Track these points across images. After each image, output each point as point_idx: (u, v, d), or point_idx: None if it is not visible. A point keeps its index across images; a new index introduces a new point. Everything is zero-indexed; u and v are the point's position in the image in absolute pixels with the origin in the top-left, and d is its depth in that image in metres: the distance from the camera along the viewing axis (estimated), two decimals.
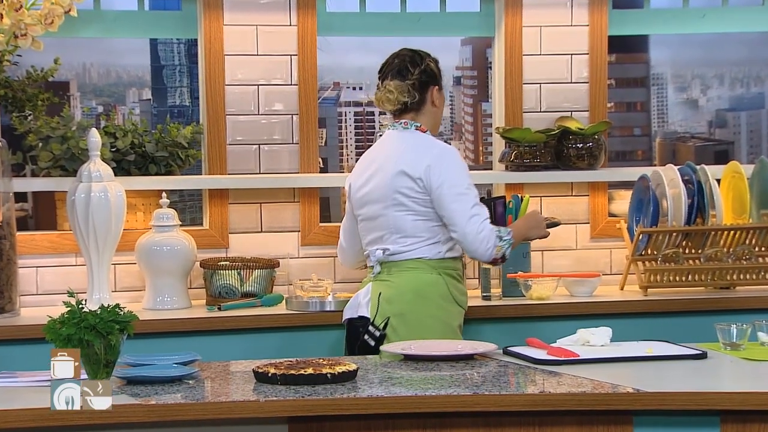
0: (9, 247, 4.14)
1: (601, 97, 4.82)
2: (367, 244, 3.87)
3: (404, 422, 2.84)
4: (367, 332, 3.71)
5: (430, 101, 3.86)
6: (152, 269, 4.26)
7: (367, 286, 3.83)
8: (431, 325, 3.71)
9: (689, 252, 4.53)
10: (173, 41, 5.98)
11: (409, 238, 3.76)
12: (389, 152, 3.81)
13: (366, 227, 3.87)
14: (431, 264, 3.76)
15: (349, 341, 3.84)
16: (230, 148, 4.57)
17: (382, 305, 3.73)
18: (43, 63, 4.37)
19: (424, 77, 3.84)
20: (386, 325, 3.70)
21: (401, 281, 3.76)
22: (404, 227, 3.76)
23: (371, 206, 3.82)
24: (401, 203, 3.75)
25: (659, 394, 2.85)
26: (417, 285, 3.74)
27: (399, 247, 3.77)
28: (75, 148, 4.32)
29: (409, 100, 3.83)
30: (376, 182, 3.81)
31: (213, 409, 2.77)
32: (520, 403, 2.84)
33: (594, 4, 4.77)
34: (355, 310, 3.82)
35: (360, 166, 3.93)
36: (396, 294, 3.74)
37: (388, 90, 3.83)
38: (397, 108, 3.85)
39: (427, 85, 3.85)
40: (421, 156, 3.73)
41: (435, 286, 3.75)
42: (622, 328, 3.65)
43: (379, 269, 3.80)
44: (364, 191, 3.85)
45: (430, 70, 3.86)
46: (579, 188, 4.81)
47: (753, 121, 7.07)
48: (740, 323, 3.37)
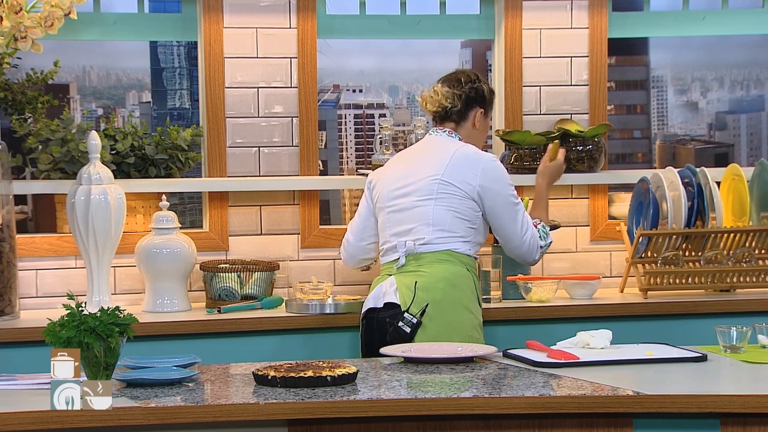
0: (9, 249, 4.14)
1: (601, 100, 4.82)
2: (394, 236, 3.84)
3: (404, 425, 2.84)
4: (402, 319, 3.69)
5: (471, 120, 3.93)
6: (152, 272, 4.26)
7: (389, 278, 3.80)
8: (463, 315, 3.74)
9: (689, 254, 4.53)
10: (173, 44, 5.98)
11: (446, 231, 3.79)
12: (439, 150, 3.86)
13: (394, 219, 3.85)
14: (461, 258, 3.79)
15: (368, 334, 3.80)
16: (230, 150, 4.58)
17: (418, 294, 3.72)
18: (42, 65, 4.37)
19: (473, 93, 3.92)
20: (423, 313, 3.69)
21: (433, 271, 3.76)
22: (444, 221, 3.79)
23: (408, 198, 3.83)
24: (446, 198, 3.79)
25: (659, 397, 2.85)
26: (449, 275, 3.76)
27: (433, 237, 3.78)
28: (75, 150, 4.32)
29: (450, 107, 3.90)
30: (421, 176, 3.83)
31: (213, 412, 2.77)
32: (520, 406, 2.84)
33: (594, 6, 4.78)
34: (380, 300, 3.78)
35: (396, 164, 3.96)
36: (431, 283, 3.74)
37: (434, 92, 3.92)
38: (437, 110, 3.92)
39: (473, 103, 3.92)
40: (475, 161, 3.81)
41: (465, 278, 3.78)
42: (622, 331, 3.65)
43: (404, 262, 3.79)
44: (403, 183, 3.86)
45: (481, 92, 3.94)
46: (579, 191, 4.81)
47: (753, 123, 7.06)
48: (740, 326, 3.37)
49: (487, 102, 3.97)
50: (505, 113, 4.76)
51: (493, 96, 4.01)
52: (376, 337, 3.73)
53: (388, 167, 3.98)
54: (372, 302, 3.81)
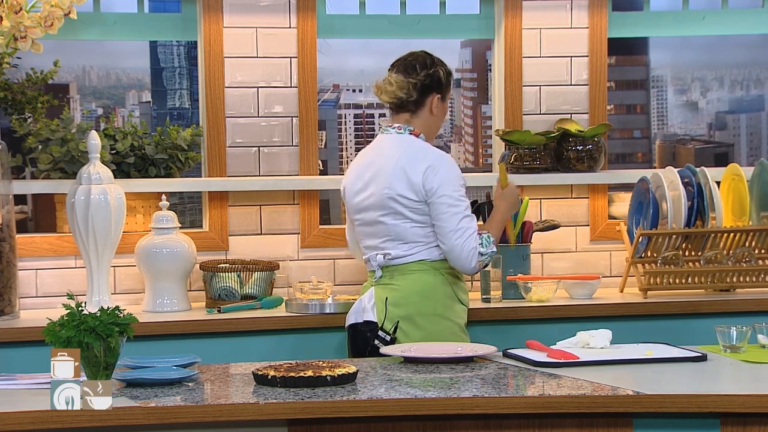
0: (8, 249, 4.14)
1: (601, 100, 4.82)
2: (366, 249, 3.85)
3: (404, 425, 2.84)
4: (377, 337, 3.70)
5: (428, 107, 3.82)
6: (152, 271, 4.26)
7: (369, 290, 3.81)
8: (439, 324, 3.72)
9: (689, 254, 4.53)
10: (173, 43, 5.98)
11: (410, 244, 3.75)
12: (385, 158, 3.77)
13: (364, 232, 3.85)
14: (433, 265, 3.76)
15: (355, 346, 3.82)
16: (230, 150, 4.58)
17: (389, 310, 3.72)
18: (42, 65, 4.37)
19: (428, 81, 3.80)
20: (396, 329, 3.69)
21: (406, 284, 3.74)
22: (403, 235, 3.75)
23: (369, 213, 3.80)
24: (399, 212, 3.73)
25: (659, 397, 2.85)
26: (421, 287, 3.73)
27: (400, 251, 3.76)
28: (75, 150, 4.32)
29: (406, 97, 3.79)
30: (373, 190, 3.77)
31: (212, 412, 2.77)
32: (520, 406, 2.84)
33: (594, 6, 4.78)
34: (360, 315, 3.80)
35: (354, 171, 3.89)
36: (402, 297, 3.73)
37: (388, 81, 3.80)
38: (392, 101, 3.81)
39: (430, 90, 3.81)
40: (419, 161, 3.71)
41: (439, 286, 3.75)
42: (622, 331, 3.65)
43: (380, 273, 3.79)
44: (361, 197, 3.82)
45: (437, 77, 3.81)
46: (579, 190, 4.81)
47: (753, 123, 7.06)
48: (740, 325, 3.37)
49: (444, 87, 3.83)
50: (505, 113, 4.76)
51: (451, 77, 3.87)
52: (361, 346, 3.78)
53: (349, 174, 3.92)
54: (353, 317, 3.84)
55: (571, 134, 4.68)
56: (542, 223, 4.62)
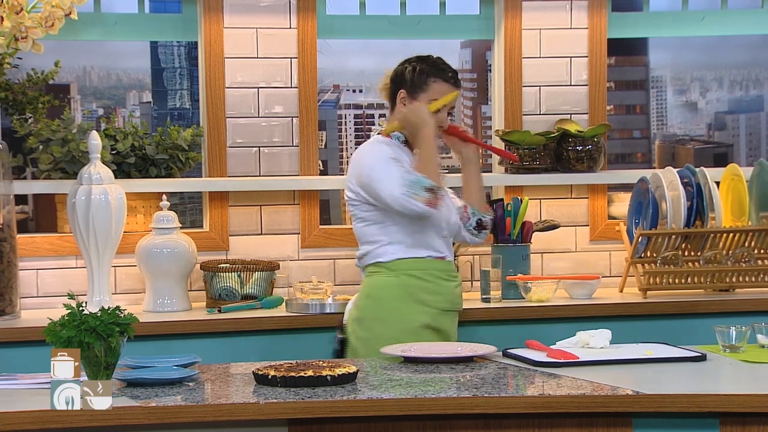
0: (9, 249, 4.15)
1: (601, 100, 4.82)
2: None
3: (404, 424, 2.84)
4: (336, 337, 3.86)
5: (399, 105, 3.85)
6: (152, 271, 4.26)
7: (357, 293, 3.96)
8: (384, 326, 3.75)
9: (688, 254, 4.53)
10: (173, 44, 5.98)
11: (366, 244, 3.84)
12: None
13: None
14: (388, 266, 3.81)
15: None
16: (230, 150, 4.58)
17: (349, 311, 3.86)
18: (43, 66, 4.38)
19: (394, 77, 3.87)
20: (342, 330, 3.84)
21: (362, 287, 3.87)
22: (360, 235, 3.86)
23: None
24: (352, 213, 3.85)
25: (659, 396, 2.85)
26: (370, 289, 3.82)
27: (361, 253, 3.87)
28: (75, 150, 4.33)
29: (385, 95, 3.91)
30: None
31: (213, 411, 2.77)
32: (520, 406, 2.84)
33: (593, 6, 4.78)
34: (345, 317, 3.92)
35: None
36: (357, 299, 3.86)
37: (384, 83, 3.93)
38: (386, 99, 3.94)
39: (397, 87, 3.86)
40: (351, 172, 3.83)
41: (388, 288, 3.78)
42: (622, 331, 3.65)
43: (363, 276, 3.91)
44: None
45: (401, 73, 3.85)
46: (578, 191, 4.82)
47: (752, 123, 7.06)
48: (739, 325, 3.37)
49: (409, 83, 3.81)
50: (504, 113, 4.76)
51: (420, 75, 3.80)
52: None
53: None
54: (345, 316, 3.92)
55: (570, 134, 4.69)
56: (542, 223, 4.63)
